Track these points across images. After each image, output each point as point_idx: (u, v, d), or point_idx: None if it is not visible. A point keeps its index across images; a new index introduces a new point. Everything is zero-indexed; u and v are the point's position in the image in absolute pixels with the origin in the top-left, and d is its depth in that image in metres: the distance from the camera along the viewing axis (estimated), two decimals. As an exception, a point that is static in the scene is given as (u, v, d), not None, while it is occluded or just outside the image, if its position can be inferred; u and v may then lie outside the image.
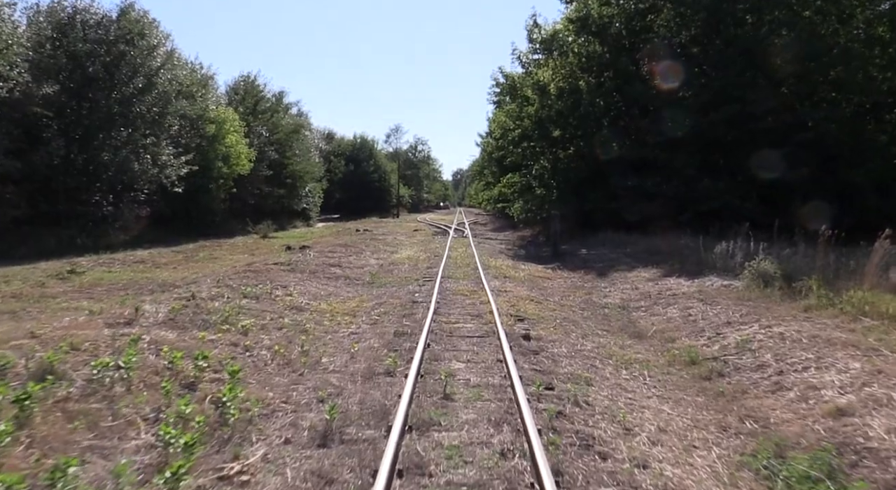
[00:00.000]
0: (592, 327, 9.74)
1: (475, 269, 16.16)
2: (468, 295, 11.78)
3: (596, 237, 26.66)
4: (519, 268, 18.17)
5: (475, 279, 14.24)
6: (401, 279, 14.55)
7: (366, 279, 14.63)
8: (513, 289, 13.07)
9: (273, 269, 15.13)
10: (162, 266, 19.55)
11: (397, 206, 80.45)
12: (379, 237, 29.76)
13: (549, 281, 16.05)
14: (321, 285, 13.22)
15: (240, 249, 26.66)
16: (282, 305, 10.27)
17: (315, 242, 26.59)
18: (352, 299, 11.51)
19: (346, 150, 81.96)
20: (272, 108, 51.15)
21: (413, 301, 11.00)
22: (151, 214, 34.80)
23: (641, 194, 26.04)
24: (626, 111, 28.51)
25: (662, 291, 12.99)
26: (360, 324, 9.15)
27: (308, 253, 20.33)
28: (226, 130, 39.02)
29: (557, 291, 13.90)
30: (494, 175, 47.24)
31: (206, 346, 7.00)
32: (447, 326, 8.78)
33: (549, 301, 12.10)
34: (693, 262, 16.20)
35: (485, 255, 20.88)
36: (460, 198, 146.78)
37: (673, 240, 21.27)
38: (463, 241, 28.48)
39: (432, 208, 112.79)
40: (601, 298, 13.27)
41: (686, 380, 7.10)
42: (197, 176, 36.77)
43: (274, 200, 51.28)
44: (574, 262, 20.64)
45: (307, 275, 14.63)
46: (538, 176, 31.88)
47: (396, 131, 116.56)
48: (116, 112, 29.59)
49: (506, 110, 32.18)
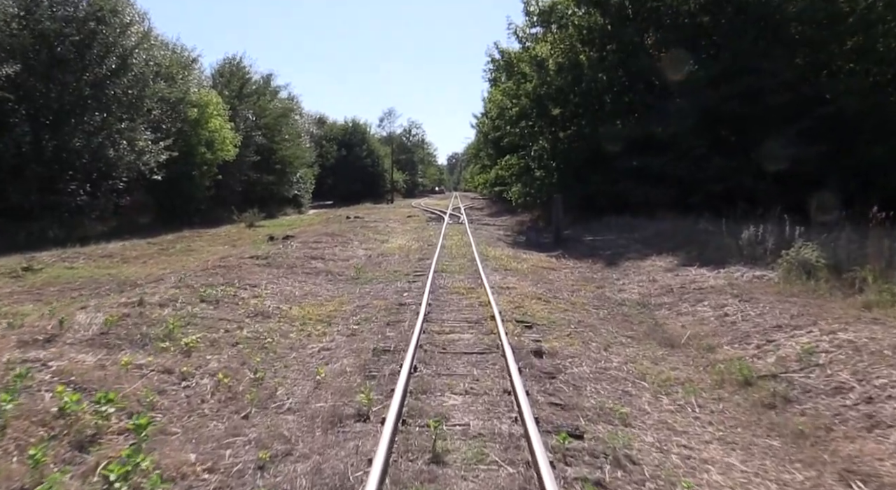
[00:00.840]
0: (613, 333, 8.16)
1: (472, 261, 14.56)
2: (465, 293, 10.18)
3: (600, 222, 25.06)
4: (520, 257, 16.57)
5: (472, 273, 12.65)
6: (389, 274, 12.94)
7: (350, 275, 13.01)
8: (515, 284, 11.47)
9: (246, 265, 13.51)
10: (130, 261, 17.91)
11: (391, 192, 78.64)
12: (370, 225, 28.12)
13: (555, 272, 14.47)
14: (297, 283, 11.61)
15: (221, 240, 25.02)
16: (244, 311, 8.66)
17: (301, 232, 24.94)
18: (330, 301, 9.90)
19: (339, 134, 79.98)
20: (259, 91, 49.19)
21: (400, 303, 9.38)
22: (132, 204, 33.14)
23: (648, 175, 24.43)
24: (631, 86, 26.78)
25: (686, 284, 11.41)
26: (335, 335, 7.55)
27: (290, 244, 18.70)
28: (209, 114, 37.22)
29: (565, 285, 12.32)
30: (491, 157, 45.46)
31: (127, 378, 5.41)
32: (440, 339, 7.19)
33: (558, 299, 10.51)
34: (713, 249, 14.63)
35: (482, 244, 19.28)
36: (456, 182, 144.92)
37: (685, 224, 19.71)
38: (459, 227, 26.86)
39: (427, 193, 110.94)
40: (616, 293, 11.69)
41: (745, 409, 5.54)
42: (179, 162, 35.05)
43: (263, 187, 49.56)
44: (579, 249, 19.05)
45: (284, 270, 13.01)
46: (537, 157, 30.18)
47: (390, 115, 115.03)
48: (88, 95, 27.79)
49: (502, 88, 30.37)
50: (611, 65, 26.15)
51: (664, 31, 26.30)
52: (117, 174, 29.93)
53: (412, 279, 12.00)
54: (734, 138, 25.51)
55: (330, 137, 77.90)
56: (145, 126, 30.93)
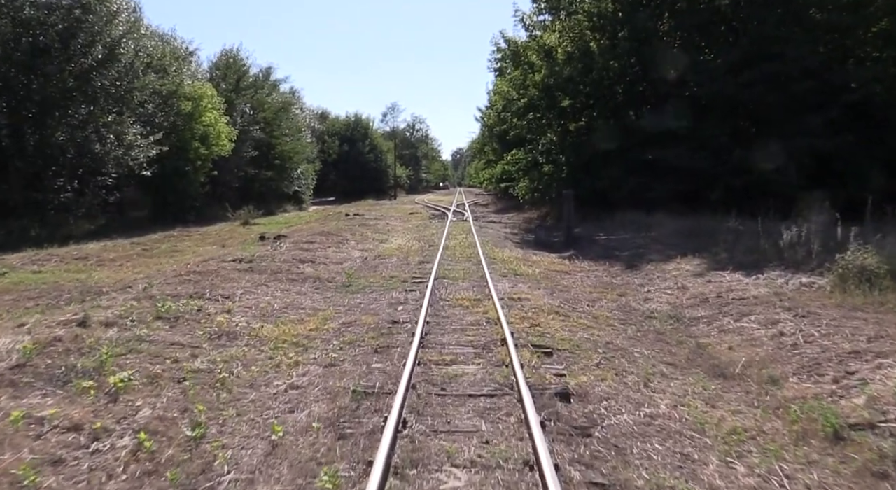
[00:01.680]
0: (650, 359, 6.72)
1: (478, 264, 13.12)
2: (470, 306, 8.74)
3: (612, 219, 23.58)
4: (529, 259, 15.12)
5: (478, 280, 11.20)
6: (384, 281, 11.50)
7: (340, 281, 11.58)
8: (527, 293, 10.03)
9: (226, 270, 12.10)
10: (106, 263, 16.51)
11: (394, 188, 77.19)
12: (369, 222, 26.69)
13: (569, 277, 13.02)
14: (279, 293, 10.19)
15: (211, 239, 23.62)
16: (206, 332, 7.24)
17: (296, 230, 23.53)
18: (312, 316, 8.46)
19: (341, 129, 78.49)
20: (257, 84, 47.72)
21: (394, 320, 7.93)
22: (122, 200, 31.79)
23: (663, 169, 22.97)
24: (644, 75, 25.25)
25: (722, 293, 9.94)
26: (309, 366, 6.11)
27: (281, 244, 17.29)
28: (203, 108, 35.78)
29: (583, 293, 10.87)
30: (496, 152, 43.98)
31: (14, 440, 3.99)
32: (438, 373, 5.74)
33: (577, 311, 9.07)
34: (744, 251, 13.17)
35: (488, 244, 17.83)
36: (460, 178, 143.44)
37: (707, 221, 18.24)
38: (463, 225, 25.41)
39: (431, 189, 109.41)
40: (641, 303, 10.24)
41: (850, 481, 4.09)
42: (172, 158, 33.71)
43: (261, 183, 48.19)
44: (593, 249, 17.59)
45: (266, 277, 11.59)
46: (545, 151, 28.69)
47: (393, 110, 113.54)
48: (73, 86, 26.39)
49: (508, 79, 28.84)
50: (623, 52, 24.64)
51: (679, 17, 24.77)
52: (106, 170, 28.53)
53: (410, 288, 10.56)
54: (754, 129, 24.03)
55: (332, 132, 76.45)
56: (134, 119, 29.50)
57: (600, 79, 24.76)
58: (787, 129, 21.48)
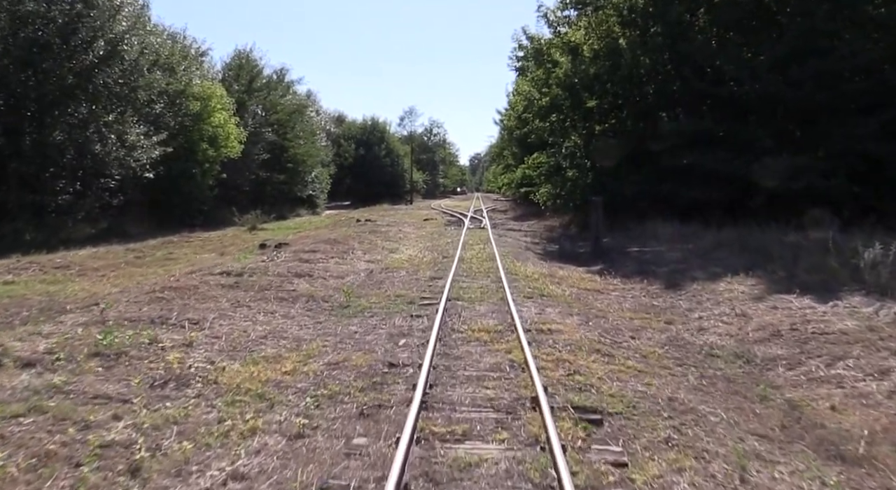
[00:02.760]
0: (733, 428, 4.97)
1: (497, 281, 11.42)
2: (489, 342, 7.04)
3: (642, 228, 21.75)
4: (556, 275, 13.38)
5: (498, 303, 9.50)
6: (388, 302, 9.83)
7: (337, 301, 9.92)
8: (558, 321, 8.31)
9: (208, 285, 10.52)
10: (88, 273, 14.99)
11: (410, 192, 75.67)
12: (381, 229, 25.09)
13: (603, 297, 11.28)
14: (261, 316, 8.56)
15: (211, 246, 22.13)
16: (149, 376, 5.61)
17: (301, 237, 21.99)
18: (292, 352, 6.80)
19: (357, 133, 77.20)
20: (270, 86, 46.41)
21: (391, 363, 6.21)
22: (126, 204, 30.45)
23: (699, 174, 21.12)
24: (678, 72, 23.41)
25: (798, 324, 8.16)
26: (267, 439, 4.43)
27: (280, 254, 15.71)
28: (212, 108, 34.46)
29: (624, 321, 9.13)
30: (516, 156, 42.30)
31: None
32: (445, 459, 4.04)
33: (621, 346, 7.35)
34: (807, 269, 11.34)
35: (509, 256, 16.12)
36: (478, 183, 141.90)
37: (752, 233, 16.40)
38: (480, 233, 23.71)
39: (448, 194, 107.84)
40: (695, 334, 8.49)
41: None
42: (178, 159, 32.44)
43: (273, 187, 46.88)
44: (625, 263, 15.81)
45: (253, 294, 9.98)
46: (569, 155, 26.92)
47: (411, 114, 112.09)
48: (73, 84, 25.11)
49: (530, 78, 27.16)
50: (655, 47, 22.81)
51: (717, 10, 22.88)
52: (109, 172, 27.27)
53: (417, 311, 8.88)
54: (800, 132, 22.09)
55: (348, 136, 75.19)
56: (138, 119, 28.20)
57: (629, 77, 22.96)
58: (835, 132, 19.63)
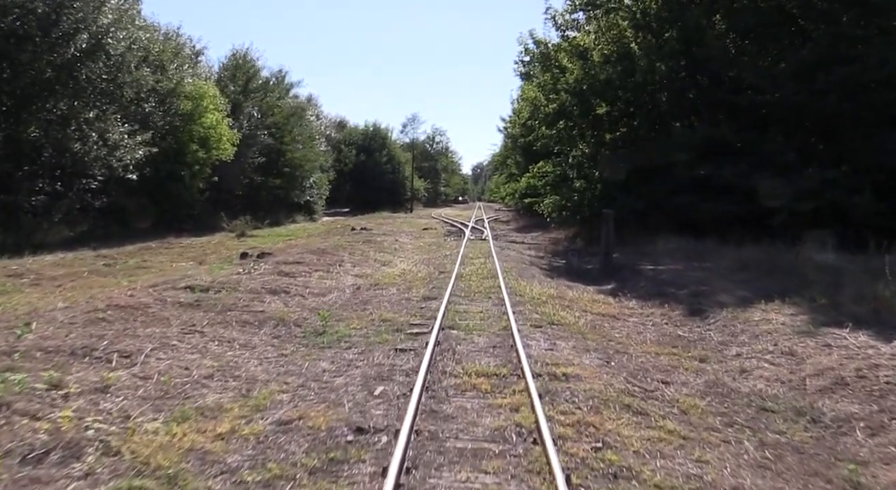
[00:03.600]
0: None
1: (499, 304, 9.95)
2: (489, 392, 5.54)
3: (654, 244, 20.28)
4: (565, 296, 11.90)
5: (501, 333, 8.03)
6: (370, 329, 8.35)
7: (311, 326, 8.44)
8: (574, 360, 6.83)
9: (163, 303, 9.04)
10: (44, 282, 13.50)
11: (411, 200, 74.25)
12: (376, 238, 23.63)
13: (620, 324, 9.80)
14: (215, 346, 7.08)
15: (191, 253, 20.66)
16: (24, 444, 4.13)
17: (288, 246, 20.55)
18: (235, 403, 5.29)
19: (358, 139, 75.85)
20: (266, 87, 45.07)
21: (358, 426, 4.69)
22: (109, 206, 28.96)
23: (715, 188, 19.72)
24: (693, 80, 22.06)
25: (863, 368, 6.66)
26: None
27: (259, 265, 14.25)
28: (204, 108, 33.08)
29: (649, 357, 7.65)
30: (519, 165, 40.88)
31: None
32: None
33: (656, 399, 5.86)
34: (854, 298, 9.87)
35: (512, 272, 14.64)
36: (480, 192, 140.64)
37: (775, 251, 14.93)
38: (481, 246, 22.23)
39: (450, 203, 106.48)
40: (737, 377, 7.00)
41: None
42: (167, 161, 31.05)
43: (268, 192, 45.47)
44: (639, 282, 14.31)
45: (213, 316, 8.51)
46: (576, 164, 25.50)
47: (413, 121, 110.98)
48: (51, 78, 23.71)
49: (537, 83, 25.75)
50: (670, 52, 21.45)
51: (736, 15, 21.52)
52: (91, 172, 25.86)
53: (403, 343, 7.41)
54: (822, 145, 20.72)
55: (349, 142, 73.85)
56: (122, 117, 26.81)
57: (644, 82, 21.56)
58: (862, 145, 18.32)
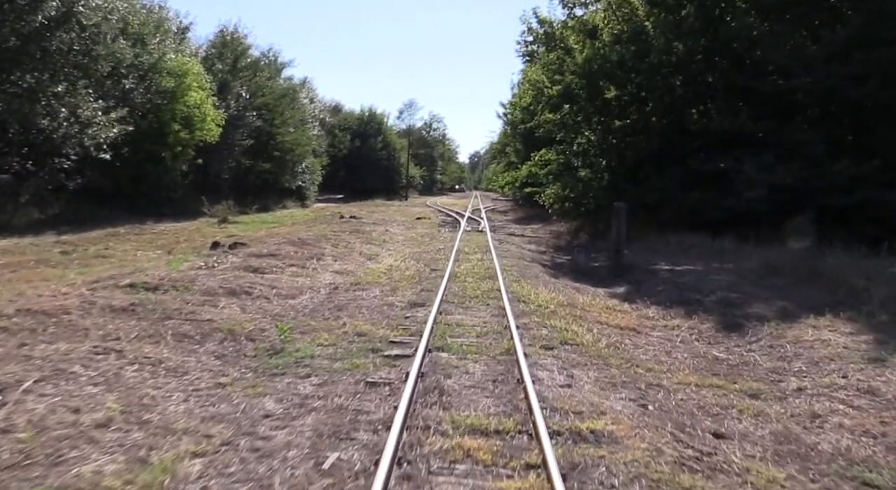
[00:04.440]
0: None
1: (500, 315, 8.30)
2: (490, 467, 3.91)
3: (666, 241, 18.68)
4: (576, 302, 10.23)
5: (503, 359, 6.35)
6: (341, 346, 6.68)
7: (267, 342, 6.77)
8: (601, 407, 5.18)
9: (89, 307, 7.36)
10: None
11: (406, 188, 72.42)
12: (365, 228, 21.93)
13: (643, 341, 8.16)
14: (130, 372, 5.41)
15: (163, 241, 18.89)
16: None
17: (269, 234, 18.86)
18: (118, 478, 3.67)
19: (353, 124, 73.79)
20: (256, 66, 43.08)
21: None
22: (84, 187, 27.12)
23: (735, 182, 18.07)
24: (710, 63, 20.34)
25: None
26: None
27: (228, 257, 12.56)
28: (187, 86, 31.18)
29: (691, 394, 6.00)
30: (519, 154, 39.10)
31: None
32: None
33: (721, 471, 4.22)
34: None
35: (513, 272, 12.96)
36: (476, 181, 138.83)
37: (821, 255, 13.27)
38: (478, 238, 20.54)
39: (446, 191, 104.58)
40: (810, 427, 5.34)
41: None
42: (146, 141, 29.22)
43: (257, 176, 43.59)
44: (655, 285, 12.64)
45: (146, 326, 6.85)
46: (581, 152, 23.77)
47: (410, 107, 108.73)
48: (16, 47, 21.84)
49: (541, 64, 23.95)
50: (688, 31, 19.71)
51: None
52: (65, 151, 24.09)
53: (377, 373, 5.75)
54: (852, 136, 19.07)
55: (344, 126, 71.81)
56: (96, 92, 24.96)
57: (658, 65, 19.82)
58: (894, 136, 16.83)
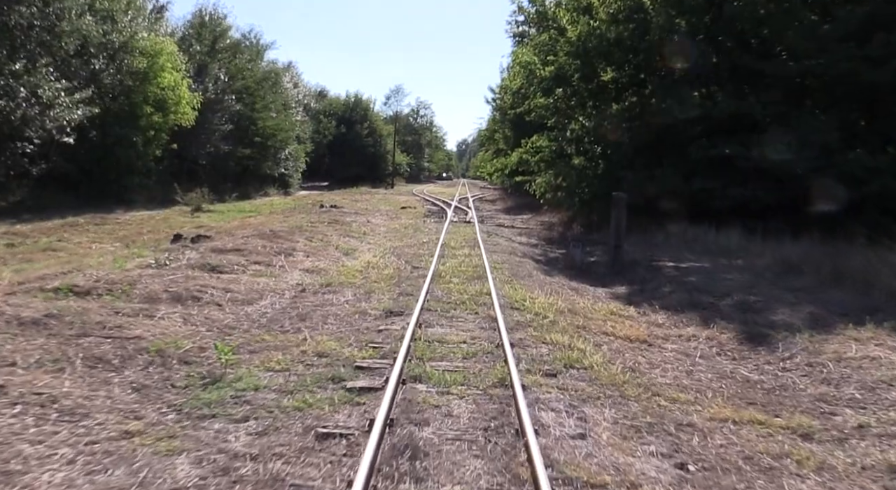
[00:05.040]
0: None
1: (491, 327, 7.03)
2: None
3: (666, 234, 17.42)
4: (576, 308, 8.96)
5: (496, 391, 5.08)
6: (293, 373, 5.38)
7: (203, 367, 5.45)
8: (629, 471, 3.94)
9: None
10: None
11: (392, 176, 70.88)
12: (345, 219, 20.56)
13: (657, 357, 6.91)
14: (10, 418, 4.09)
15: (125, 231, 17.47)
16: None
17: (240, 225, 17.49)
18: None
19: (339, 110, 72.02)
20: (236, 48, 41.38)
21: None
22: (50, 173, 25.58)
23: (741, 170, 16.87)
24: (714, 42, 19.05)
25: None
26: None
27: (187, 252, 11.20)
28: (160, 66, 29.56)
29: (731, 438, 4.76)
30: (508, 140, 37.69)
31: None
32: None
33: None
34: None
35: (504, 270, 11.67)
36: (464, 169, 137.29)
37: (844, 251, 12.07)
38: (465, 231, 19.25)
39: (433, 179, 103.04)
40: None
41: None
42: (117, 124, 27.71)
43: (237, 162, 42.00)
44: (660, 284, 11.38)
45: (56, 344, 5.52)
46: (575, 139, 22.45)
47: (397, 93, 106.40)
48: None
49: (533, 44, 22.52)
50: (691, 7, 18.42)
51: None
52: (27, 134, 22.63)
53: (333, 415, 4.46)
54: (863, 122, 17.91)
55: (329, 112, 70.02)
56: (58, 71, 23.38)
57: (660, 44, 18.50)
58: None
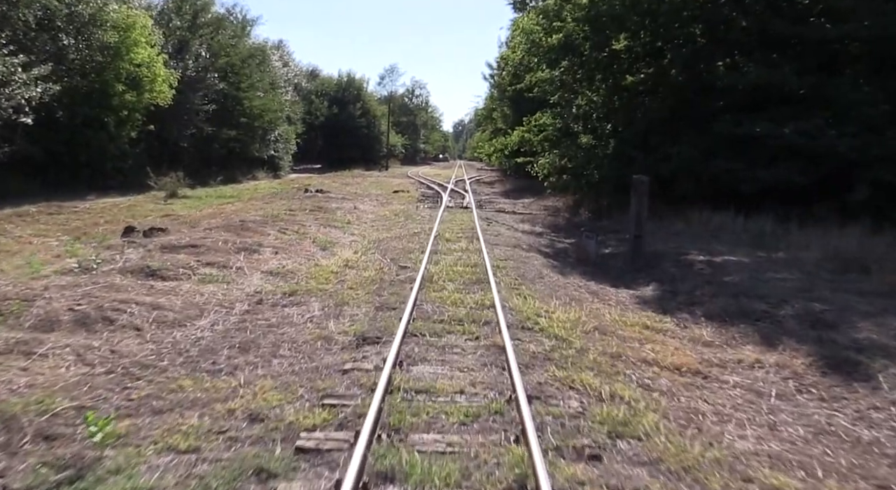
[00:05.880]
0: None
1: (497, 363, 5.19)
2: None
3: (686, 221, 15.54)
4: (601, 319, 7.11)
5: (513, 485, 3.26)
6: (202, 454, 3.59)
7: (68, 449, 3.62)
8: None
9: None
10: None
11: (387, 157, 68.72)
12: (330, 205, 18.61)
13: (716, 394, 5.05)
14: None
15: (79, 223, 15.53)
16: None
17: (208, 214, 15.58)
18: None
19: (331, 90, 69.61)
20: (219, 23, 39.10)
21: None
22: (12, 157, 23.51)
23: (771, 149, 15.01)
24: (743, 5, 17.03)
25: None
26: None
27: (131, 250, 9.33)
28: (132, 41, 27.39)
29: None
30: (507, 119, 35.64)
31: None
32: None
33: None
34: None
35: (508, 269, 9.78)
36: (461, 150, 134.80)
37: None
38: (463, 217, 17.33)
39: (429, 160, 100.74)
40: None
41: None
42: (86, 104, 25.58)
43: (222, 145, 39.79)
44: (694, 285, 9.45)
45: None
46: (582, 115, 20.49)
47: (392, 73, 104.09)
48: None
49: (539, 8, 20.41)
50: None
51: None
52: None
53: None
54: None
55: (321, 92, 67.61)
56: (14, 45, 21.25)
57: (680, 6, 16.51)
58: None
